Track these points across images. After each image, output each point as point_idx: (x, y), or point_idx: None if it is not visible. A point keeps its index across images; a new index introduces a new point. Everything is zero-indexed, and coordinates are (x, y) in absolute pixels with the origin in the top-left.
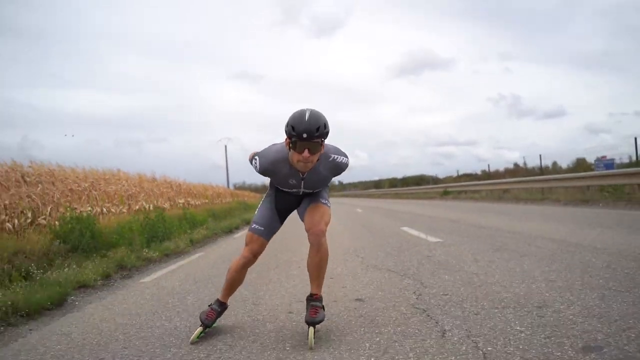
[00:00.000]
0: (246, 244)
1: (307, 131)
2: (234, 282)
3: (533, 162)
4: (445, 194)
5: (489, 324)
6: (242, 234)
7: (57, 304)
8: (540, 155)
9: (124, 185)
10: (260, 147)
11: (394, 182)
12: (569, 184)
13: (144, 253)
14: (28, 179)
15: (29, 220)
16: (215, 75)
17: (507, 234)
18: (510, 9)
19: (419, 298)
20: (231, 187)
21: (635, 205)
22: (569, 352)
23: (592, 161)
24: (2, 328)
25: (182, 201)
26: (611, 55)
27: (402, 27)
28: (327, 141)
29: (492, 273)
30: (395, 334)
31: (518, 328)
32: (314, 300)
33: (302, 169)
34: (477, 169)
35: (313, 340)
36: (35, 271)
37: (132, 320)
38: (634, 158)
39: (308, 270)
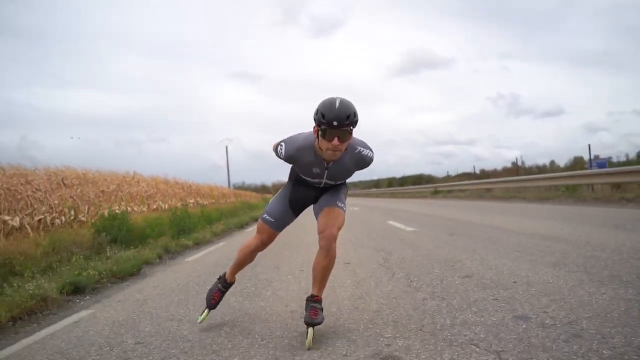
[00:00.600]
0: (257, 232)
1: (337, 119)
2: (243, 261)
3: (531, 161)
4: (435, 193)
5: (421, 269)
6: (253, 229)
7: (137, 271)
8: (517, 158)
9: (143, 187)
10: (260, 147)
11: (392, 182)
12: (537, 184)
13: (181, 241)
14: (66, 182)
15: (72, 218)
16: (215, 75)
17: (465, 223)
18: (510, 9)
19: (385, 261)
20: (231, 187)
21: (580, 202)
22: (455, 278)
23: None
24: (109, 284)
25: (192, 201)
26: (610, 55)
27: (402, 27)
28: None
29: (438, 247)
30: (366, 277)
31: (436, 270)
32: (314, 302)
33: (329, 158)
34: (476, 167)
35: (312, 340)
36: (110, 252)
37: (195, 279)
38: (631, 157)
39: (313, 272)
